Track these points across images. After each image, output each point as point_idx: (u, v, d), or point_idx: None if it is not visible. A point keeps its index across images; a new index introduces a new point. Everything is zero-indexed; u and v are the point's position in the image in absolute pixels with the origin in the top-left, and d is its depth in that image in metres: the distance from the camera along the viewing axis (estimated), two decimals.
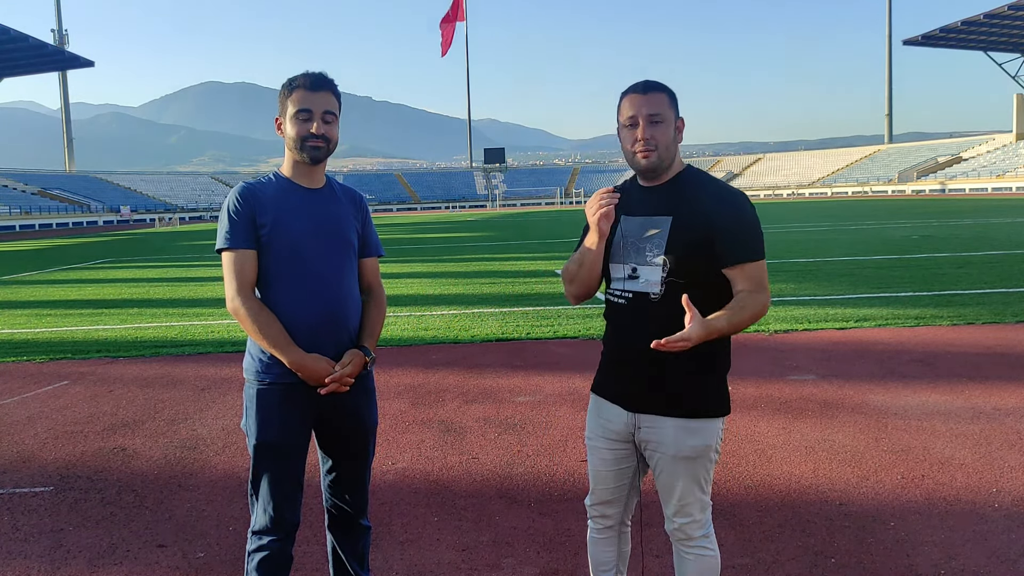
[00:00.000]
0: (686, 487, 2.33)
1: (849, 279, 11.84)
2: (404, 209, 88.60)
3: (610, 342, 2.43)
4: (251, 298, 2.45)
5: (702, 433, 2.30)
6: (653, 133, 2.24)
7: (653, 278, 2.27)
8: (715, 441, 2.33)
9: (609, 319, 2.44)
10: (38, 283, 16.32)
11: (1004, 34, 71.30)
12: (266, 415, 2.48)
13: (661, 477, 2.37)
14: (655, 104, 2.25)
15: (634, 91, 2.29)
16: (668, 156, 2.29)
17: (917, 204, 44.13)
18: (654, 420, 2.32)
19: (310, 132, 2.45)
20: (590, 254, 2.32)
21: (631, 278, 2.32)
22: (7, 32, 57.54)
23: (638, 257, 2.30)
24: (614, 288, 2.39)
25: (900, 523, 3.51)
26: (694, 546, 2.38)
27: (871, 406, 5.29)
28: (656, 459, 2.35)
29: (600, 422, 2.45)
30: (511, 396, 5.87)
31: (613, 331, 2.41)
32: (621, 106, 2.31)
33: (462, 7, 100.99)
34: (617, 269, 2.36)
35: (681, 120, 2.33)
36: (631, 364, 2.33)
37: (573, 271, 2.38)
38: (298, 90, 2.45)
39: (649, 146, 2.25)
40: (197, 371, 7.07)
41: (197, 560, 3.39)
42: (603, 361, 2.49)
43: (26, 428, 5.46)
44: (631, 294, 2.32)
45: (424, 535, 3.58)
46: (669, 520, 2.41)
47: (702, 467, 2.33)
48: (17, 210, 63.22)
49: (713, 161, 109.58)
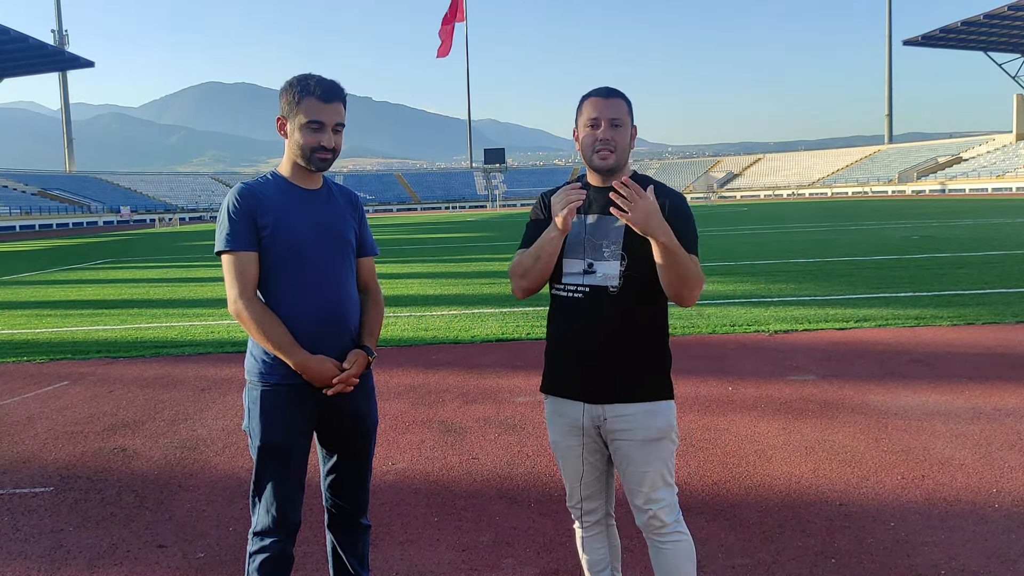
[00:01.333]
0: (656, 472, 2.42)
1: (849, 279, 11.84)
2: (404, 209, 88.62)
3: (563, 338, 2.47)
4: (254, 300, 2.45)
5: (663, 414, 2.42)
6: (613, 136, 2.38)
7: (611, 272, 2.38)
8: (674, 422, 2.46)
9: (560, 314, 2.47)
10: (38, 283, 16.33)
11: (1004, 34, 71.32)
12: (270, 417, 2.49)
13: (628, 467, 2.43)
14: (616, 109, 2.38)
15: (597, 95, 2.41)
16: (623, 158, 2.43)
17: (917, 204, 44.14)
18: (619, 408, 2.40)
19: (320, 144, 2.45)
20: (549, 247, 2.37)
21: (587, 272, 2.40)
22: (7, 32, 57.55)
23: (594, 253, 2.40)
24: (568, 283, 2.44)
25: (900, 523, 3.51)
26: (668, 532, 2.43)
27: (871, 406, 5.29)
28: (624, 448, 2.41)
29: (564, 422, 2.50)
30: (511, 396, 5.88)
31: (568, 326, 2.45)
32: (583, 108, 2.43)
33: (462, 7, 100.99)
34: (572, 264, 2.43)
35: (635, 127, 2.47)
36: (591, 356, 2.40)
37: (527, 265, 2.42)
38: (310, 99, 2.42)
39: (609, 147, 2.38)
40: (197, 371, 7.07)
41: (197, 560, 3.39)
42: (554, 360, 2.52)
43: (26, 428, 5.46)
44: (588, 288, 2.40)
45: (424, 535, 3.58)
46: (640, 512, 2.45)
47: (666, 449, 2.44)
48: (17, 210, 63.24)
49: (713, 161, 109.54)
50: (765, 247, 18.55)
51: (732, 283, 11.87)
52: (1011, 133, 77.06)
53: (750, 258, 15.96)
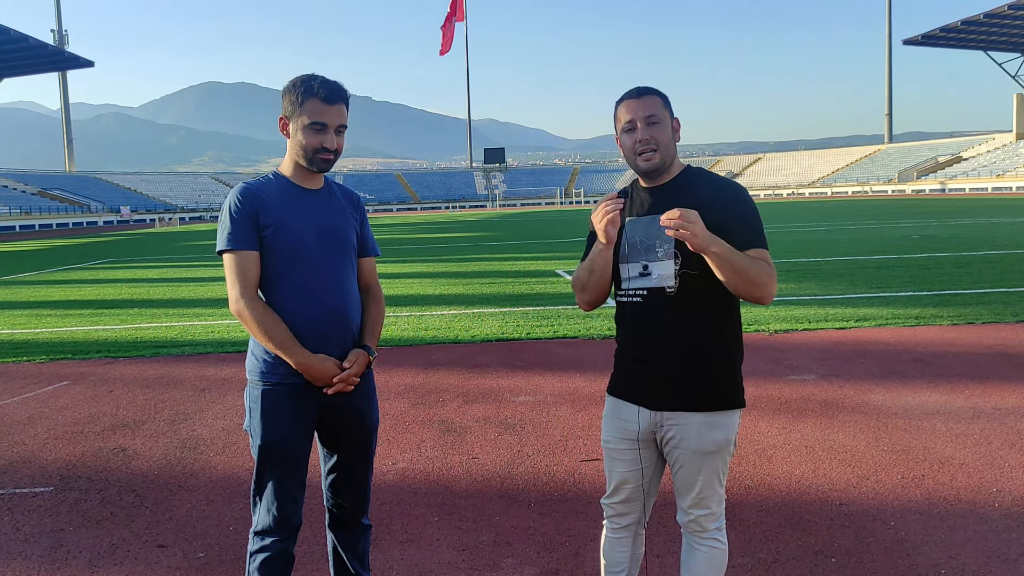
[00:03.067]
0: (706, 481, 2.36)
1: (849, 279, 11.84)
2: (404, 209, 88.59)
3: (627, 342, 2.43)
4: (256, 300, 2.45)
5: (724, 426, 2.33)
6: (652, 134, 2.30)
7: (666, 272, 2.30)
8: (734, 434, 2.37)
9: (623, 320, 2.44)
10: (38, 283, 16.33)
11: (1004, 34, 71.31)
12: (271, 416, 2.49)
13: (681, 472, 2.38)
14: (650, 106, 2.31)
15: (629, 97, 2.35)
16: (668, 155, 2.34)
17: (917, 204, 44.13)
18: (678, 417, 2.33)
19: (323, 146, 2.45)
20: (600, 259, 2.34)
21: (643, 275, 2.34)
22: (7, 32, 57.53)
23: (648, 255, 2.33)
24: (626, 288, 2.39)
25: (900, 523, 3.51)
26: (707, 538, 2.40)
27: (871, 406, 5.29)
28: (677, 455, 2.36)
29: (619, 424, 2.45)
30: (511, 396, 5.88)
31: (630, 331, 2.41)
32: (618, 113, 2.37)
33: (462, 7, 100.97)
34: (626, 269, 2.38)
35: (676, 120, 2.38)
36: (652, 362, 2.34)
37: (584, 279, 2.40)
38: (313, 100, 2.42)
39: (649, 146, 2.30)
40: (197, 371, 7.07)
41: (197, 560, 3.39)
42: (620, 363, 2.48)
43: (26, 428, 5.46)
44: (645, 291, 2.34)
45: (424, 535, 3.58)
46: (684, 512, 2.42)
47: (721, 460, 2.36)
48: (17, 210, 63.23)
49: (713, 161, 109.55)
50: None
51: None
52: (1011, 132, 77.07)
53: None
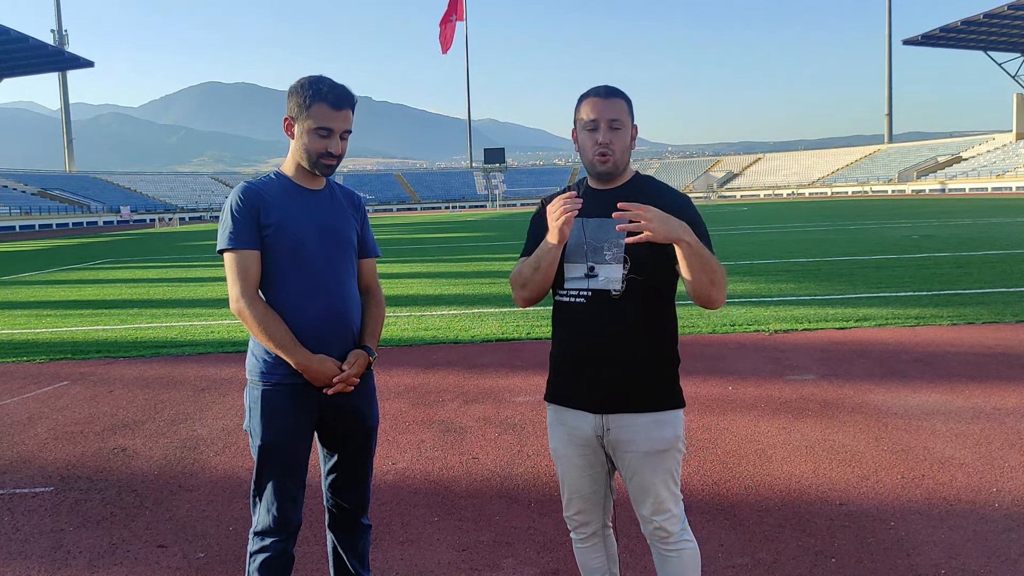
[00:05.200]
0: (661, 482, 2.34)
1: (849, 279, 11.84)
2: (404, 209, 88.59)
3: (567, 343, 2.39)
4: (256, 299, 2.45)
5: (671, 424, 2.34)
6: (612, 138, 2.29)
7: (614, 276, 2.29)
8: (682, 431, 2.38)
9: (563, 320, 2.40)
10: (38, 283, 16.33)
11: (1004, 34, 71.30)
12: (271, 416, 2.49)
13: (634, 478, 2.36)
14: (616, 110, 2.29)
15: (596, 95, 2.31)
16: (623, 161, 2.35)
17: (917, 204, 44.13)
18: (623, 419, 2.32)
19: (327, 151, 2.45)
20: (548, 257, 2.29)
21: (589, 276, 2.33)
22: (7, 32, 57.55)
23: (595, 256, 2.32)
24: (569, 287, 2.36)
25: (900, 523, 3.51)
26: (674, 542, 2.38)
27: (871, 406, 5.29)
28: (628, 459, 2.35)
29: (565, 431, 2.42)
30: (511, 396, 5.88)
31: (571, 331, 2.37)
32: (581, 108, 2.34)
33: (462, 6, 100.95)
34: (573, 269, 2.36)
35: (635, 127, 2.37)
36: (594, 364, 2.32)
37: (527, 276, 2.35)
38: (320, 104, 2.41)
39: (608, 151, 2.30)
40: (197, 371, 7.07)
41: (197, 560, 3.39)
42: (557, 367, 2.44)
43: (26, 428, 5.46)
44: (589, 292, 2.32)
45: (424, 535, 3.58)
46: (646, 521, 2.40)
47: (672, 459, 2.36)
48: (17, 210, 63.23)
49: (713, 161, 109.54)
50: (765, 247, 18.55)
51: (732, 283, 11.86)
52: (1011, 132, 77.06)
53: (750, 258, 15.96)
